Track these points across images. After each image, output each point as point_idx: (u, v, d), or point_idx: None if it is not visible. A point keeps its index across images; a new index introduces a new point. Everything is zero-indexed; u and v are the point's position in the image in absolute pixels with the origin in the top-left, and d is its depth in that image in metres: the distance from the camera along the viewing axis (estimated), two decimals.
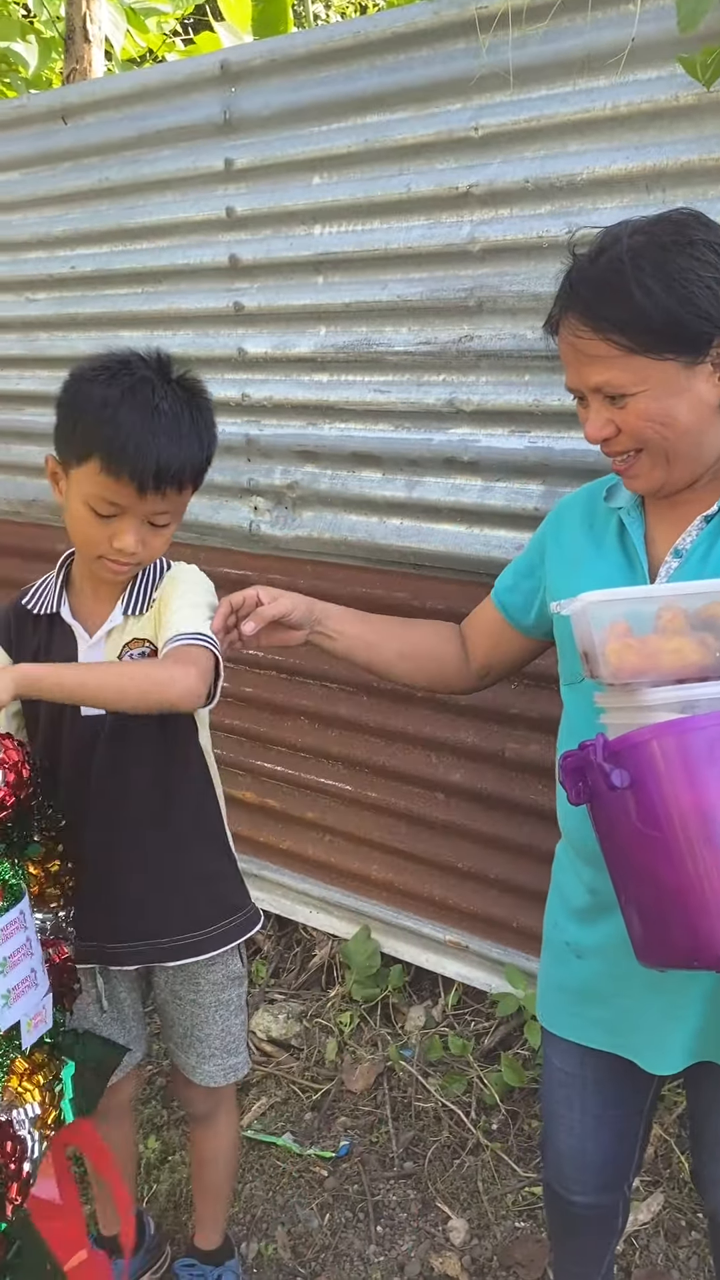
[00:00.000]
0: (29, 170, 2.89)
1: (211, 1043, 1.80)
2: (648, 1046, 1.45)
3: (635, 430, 1.29)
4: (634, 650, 1.20)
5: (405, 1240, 2.17)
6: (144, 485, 1.41)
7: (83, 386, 1.45)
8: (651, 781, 1.13)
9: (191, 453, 1.47)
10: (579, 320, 1.28)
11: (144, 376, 1.44)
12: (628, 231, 1.27)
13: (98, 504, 1.44)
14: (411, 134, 2.14)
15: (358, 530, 2.46)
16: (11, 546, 3.26)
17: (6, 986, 1.31)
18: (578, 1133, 1.60)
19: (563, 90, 1.95)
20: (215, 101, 2.43)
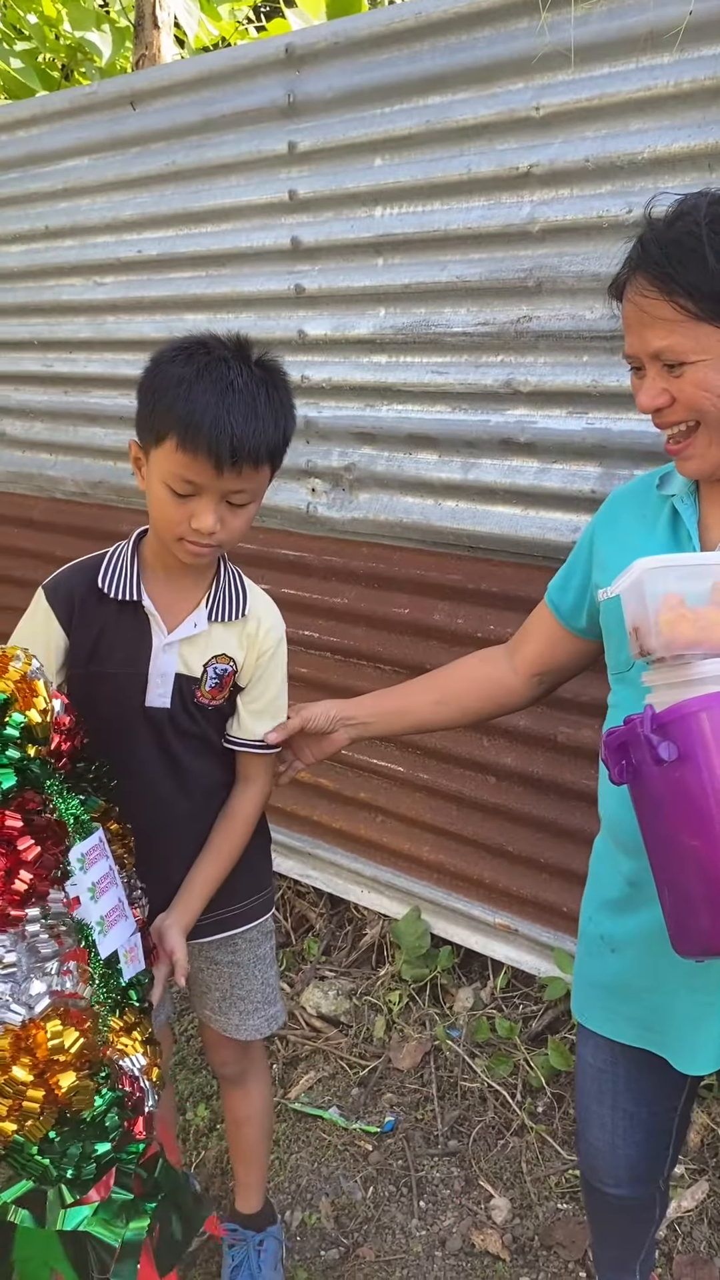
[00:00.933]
0: (98, 156, 2.94)
1: (253, 998, 1.85)
2: (680, 1044, 1.43)
3: (690, 400, 1.26)
4: (688, 621, 1.18)
5: (447, 1216, 2.18)
6: (220, 461, 1.41)
7: (161, 368, 1.46)
8: (701, 754, 1.11)
9: (267, 430, 1.45)
10: (647, 280, 1.25)
11: (220, 356, 1.45)
12: (707, 200, 1.25)
13: (175, 483, 1.44)
14: (473, 114, 2.14)
15: (413, 512, 2.47)
16: (79, 527, 3.33)
17: (100, 913, 1.33)
18: (609, 1128, 1.60)
19: (625, 68, 1.93)
20: (279, 85, 2.45)
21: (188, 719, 1.62)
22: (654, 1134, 1.60)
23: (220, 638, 1.61)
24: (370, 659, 2.68)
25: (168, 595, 1.60)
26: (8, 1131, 1.15)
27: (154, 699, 1.59)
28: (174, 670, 1.59)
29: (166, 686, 1.59)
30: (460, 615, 2.45)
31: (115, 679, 1.59)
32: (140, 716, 1.60)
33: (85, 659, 1.59)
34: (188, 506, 1.46)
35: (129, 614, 1.59)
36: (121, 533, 3.32)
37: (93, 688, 1.59)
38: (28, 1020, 1.15)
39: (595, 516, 1.57)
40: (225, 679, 1.63)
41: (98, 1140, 1.19)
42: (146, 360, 1.51)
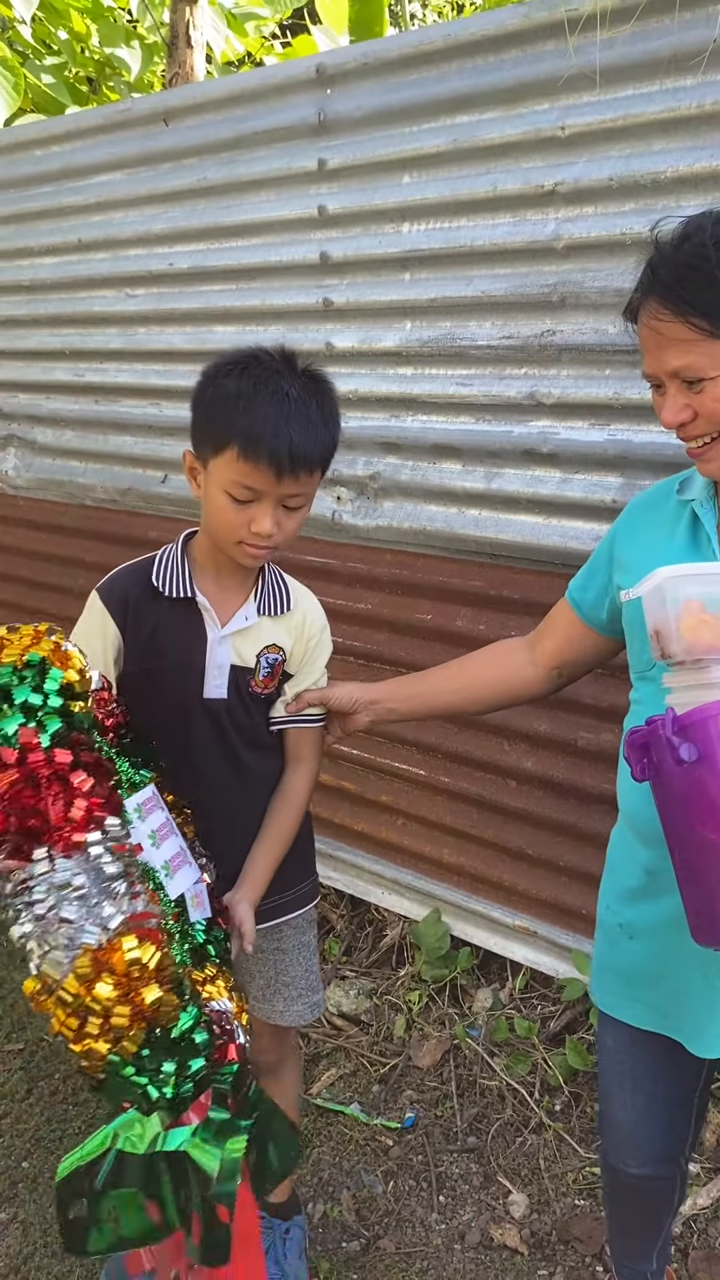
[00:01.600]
0: (132, 171, 3.01)
1: (297, 984, 1.90)
2: (694, 1029, 1.48)
3: (712, 414, 1.31)
4: (709, 626, 1.23)
5: (466, 1210, 2.23)
6: (280, 469, 1.48)
7: (218, 381, 1.53)
8: (717, 756, 1.15)
9: (320, 437, 1.53)
10: (660, 303, 1.29)
11: (274, 368, 1.52)
12: (712, 221, 1.29)
13: (237, 490, 1.52)
14: (499, 134, 2.20)
15: (437, 520, 2.52)
16: (108, 533, 3.40)
17: (163, 858, 1.40)
18: (630, 1109, 1.65)
19: (649, 90, 1.98)
20: (310, 104, 2.52)
21: (243, 709, 1.70)
22: (673, 1114, 1.65)
23: (269, 630, 1.70)
24: (393, 664, 2.73)
25: (218, 592, 1.68)
26: (101, 1051, 1.19)
27: (211, 690, 1.67)
28: (229, 662, 1.67)
29: (223, 678, 1.68)
30: (482, 621, 2.50)
31: (173, 672, 1.66)
32: (199, 707, 1.68)
33: (142, 655, 1.67)
34: (247, 512, 1.53)
35: (183, 610, 1.66)
36: (149, 539, 3.39)
37: (151, 682, 1.67)
38: (104, 941, 1.19)
39: (616, 522, 1.62)
40: (276, 668, 1.72)
41: (191, 1058, 1.24)
42: (199, 374, 1.58)
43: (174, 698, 1.67)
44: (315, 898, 1.94)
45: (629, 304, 1.38)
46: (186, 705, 1.67)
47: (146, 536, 3.23)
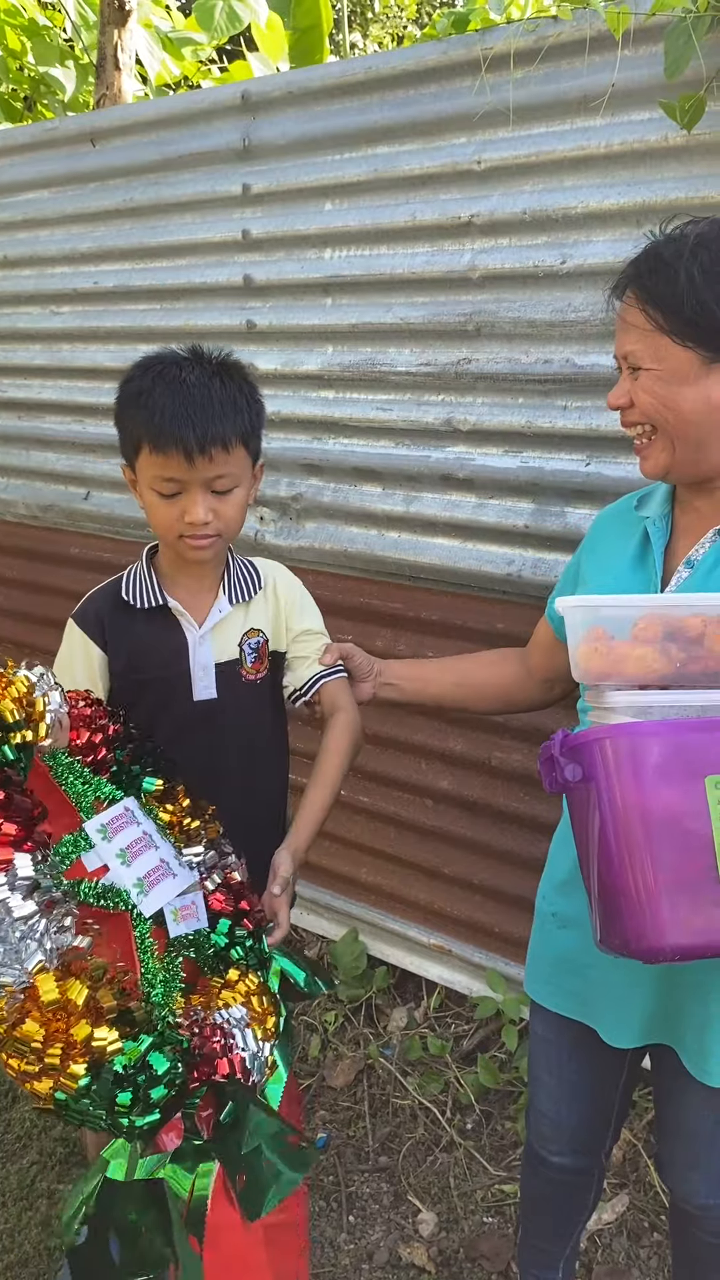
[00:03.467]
0: (58, 189, 3.02)
1: None
2: (609, 1018, 1.52)
3: (642, 406, 1.35)
4: (600, 655, 1.28)
5: (376, 1230, 2.23)
6: (189, 452, 1.50)
7: (123, 388, 1.57)
8: (601, 779, 1.19)
9: (226, 414, 1.53)
10: (631, 288, 1.35)
11: (173, 361, 1.56)
12: (707, 223, 1.33)
13: (159, 485, 1.55)
14: (418, 165, 2.25)
15: (357, 542, 2.55)
16: (28, 549, 3.37)
17: (135, 875, 1.39)
18: (555, 1096, 1.69)
19: (560, 128, 2.05)
20: (235, 129, 2.55)
21: (236, 705, 1.70)
22: (596, 1105, 1.69)
23: (244, 615, 1.72)
24: None
25: (189, 595, 1.69)
26: (43, 1090, 1.17)
27: (200, 692, 1.68)
28: (213, 660, 1.68)
29: (209, 678, 1.68)
30: (401, 641, 2.53)
31: (159, 681, 1.67)
32: (193, 711, 1.68)
33: (125, 669, 1.68)
34: (177, 505, 1.56)
35: (158, 619, 1.68)
36: (70, 556, 3.36)
37: (139, 694, 1.68)
38: (26, 980, 1.18)
39: (586, 536, 1.67)
40: (262, 650, 1.73)
41: (152, 1086, 1.21)
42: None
43: (166, 705, 1.68)
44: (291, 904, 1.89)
45: (617, 281, 1.40)
46: (179, 711, 1.68)
47: (68, 553, 3.22)
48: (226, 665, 1.69)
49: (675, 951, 1.15)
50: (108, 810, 1.43)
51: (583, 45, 1.95)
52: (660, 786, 1.16)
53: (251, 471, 1.65)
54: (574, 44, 1.96)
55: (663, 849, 1.14)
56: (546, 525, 2.19)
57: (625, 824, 1.17)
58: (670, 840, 1.14)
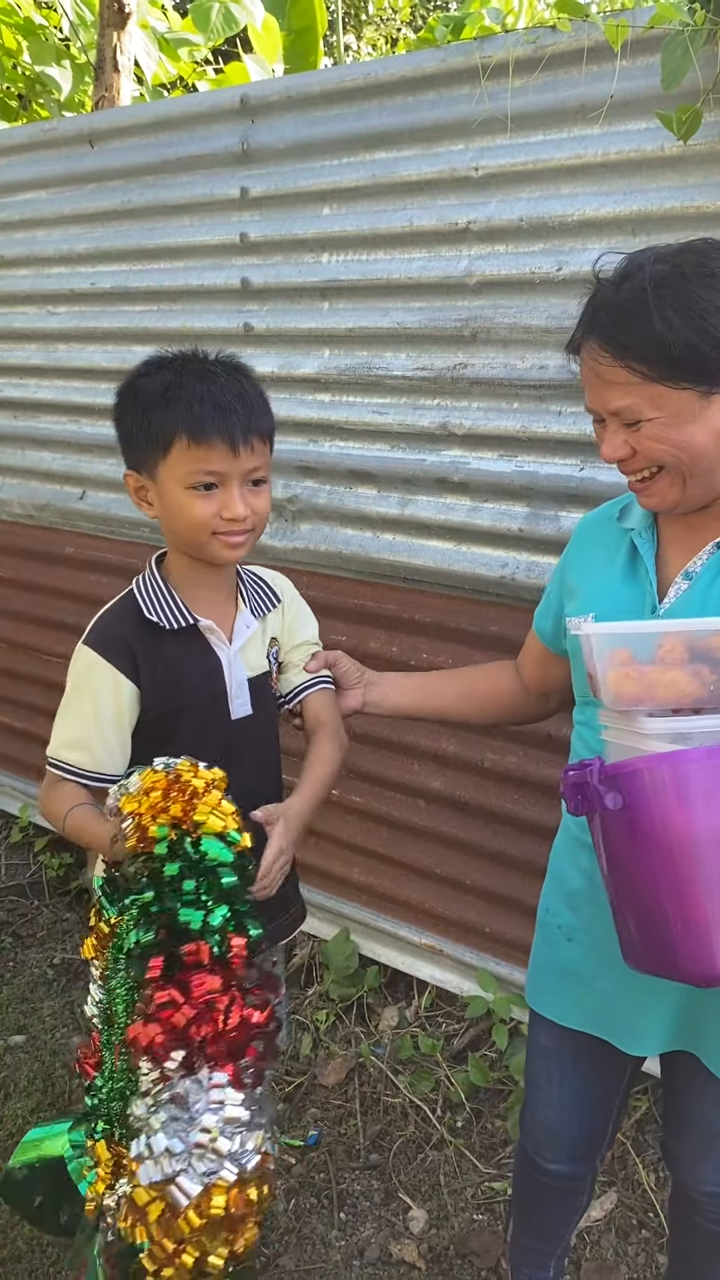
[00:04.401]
0: (56, 190, 3.03)
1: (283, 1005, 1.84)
2: (624, 1029, 1.53)
3: (650, 453, 1.33)
4: (632, 680, 1.27)
5: (366, 1227, 2.25)
6: (234, 442, 1.45)
7: (138, 386, 1.50)
8: (643, 808, 1.19)
9: (260, 407, 1.51)
10: (600, 346, 1.31)
11: (189, 356, 1.52)
12: (651, 260, 1.30)
13: (198, 478, 1.47)
14: (416, 171, 2.27)
15: (352, 544, 2.57)
16: (22, 549, 3.38)
17: None
18: (555, 1105, 1.70)
19: (557, 136, 2.07)
20: (234, 133, 2.57)
21: (266, 715, 1.68)
22: (596, 1113, 1.70)
23: (265, 627, 1.70)
24: None
25: (213, 610, 1.62)
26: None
27: (238, 710, 1.63)
28: (246, 676, 1.64)
29: (244, 694, 1.64)
30: (395, 643, 2.55)
31: (198, 705, 1.60)
32: (230, 731, 1.63)
33: (160, 697, 1.58)
34: (215, 500, 1.48)
35: (188, 639, 1.59)
36: (65, 555, 3.37)
37: (177, 720, 1.59)
38: (237, 1177, 1.19)
39: (568, 545, 1.66)
40: (280, 657, 1.73)
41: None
42: (114, 394, 1.55)
43: (204, 729, 1.60)
44: (303, 919, 1.89)
45: (571, 339, 1.38)
46: (218, 733, 1.61)
47: (63, 552, 3.23)
48: (258, 679, 1.66)
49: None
50: None
51: (581, 55, 1.97)
52: (706, 814, 1.16)
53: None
54: (572, 54, 1.99)
55: (713, 876, 1.15)
56: (540, 529, 2.21)
57: (674, 853, 1.17)
58: (716, 863, 1.15)
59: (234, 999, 1.29)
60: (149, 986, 1.29)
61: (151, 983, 1.29)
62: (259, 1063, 1.30)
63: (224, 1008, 1.28)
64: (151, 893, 1.33)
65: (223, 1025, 1.27)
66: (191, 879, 1.33)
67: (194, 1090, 1.24)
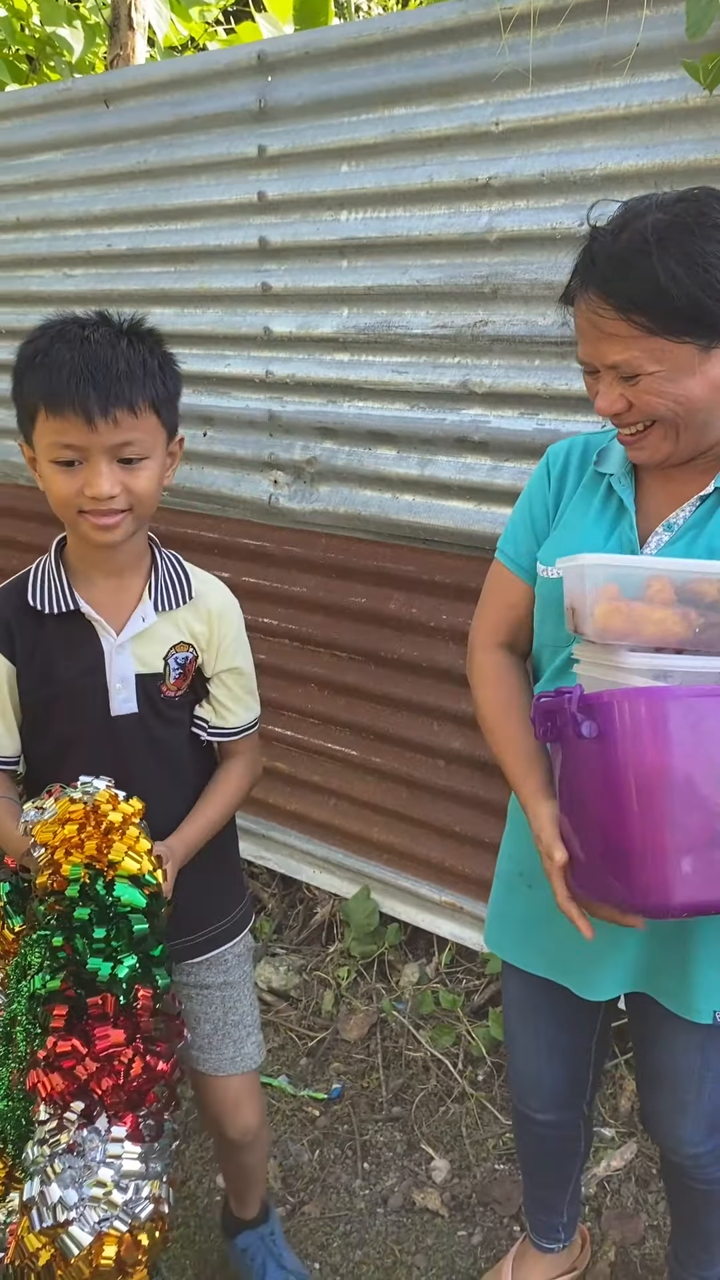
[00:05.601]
0: (71, 151, 3.01)
1: (245, 1020, 1.77)
2: (581, 974, 1.54)
3: (647, 407, 1.30)
4: (621, 614, 1.27)
5: (390, 1176, 2.29)
6: (89, 413, 1.34)
7: (20, 352, 1.43)
8: (618, 739, 1.19)
9: (135, 374, 1.38)
10: (600, 298, 1.27)
11: (73, 320, 1.42)
12: (650, 209, 1.26)
13: (57, 452, 1.37)
14: (435, 127, 2.25)
15: (371, 505, 2.57)
16: (42, 513, 3.38)
17: None
18: (533, 1055, 1.72)
19: (579, 89, 2.05)
20: (251, 90, 2.55)
21: (158, 719, 1.56)
22: (574, 1060, 1.72)
23: (173, 626, 1.56)
24: (327, 646, 2.78)
25: (106, 596, 1.52)
26: None
27: (119, 706, 1.53)
28: (133, 672, 1.52)
29: (129, 691, 1.52)
30: (414, 605, 2.56)
31: (72, 696, 1.52)
32: (109, 727, 1.53)
33: (37, 682, 1.53)
34: (78, 476, 1.38)
35: (70, 625, 1.51)
36: None
37: (50, 710, 1.53)
38: (128, 1228, 1.26)
39: (535, 477, 1.59)
40: (188, 667, 1.58)
41: None
42: None
43: (80, 722, 1.52)
44: (250, 921, 1.81)
45: (566, 289, 1.35)
46: (96, 728, 1.52)
47: None
48: (147, 678, 1.53)
49: (683, 909, 1.18)
50: None
51: (604, 5, 1.95)
52: (678, 751, 1.16)
53: (167, 445, 1.48)
54: (595, 3, 1.96)
55: (677, 811, 1.16)
56: None
57: (641, 785, 1.17)
58: (685, 803, 1.16)
59: (137, 1050, 1.31)
60: (52, 1034, 1.31)
61: (55, 1031, 1.31)
62: (159, 1113, 1.33)
63: (127, 1060, 1.31)
64: (60, 937, 1.34)
65: (124, 1078, 1.30)
66: (102, 926, 1.34)
67: (91, 1140, 1.28)
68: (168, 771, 1.60)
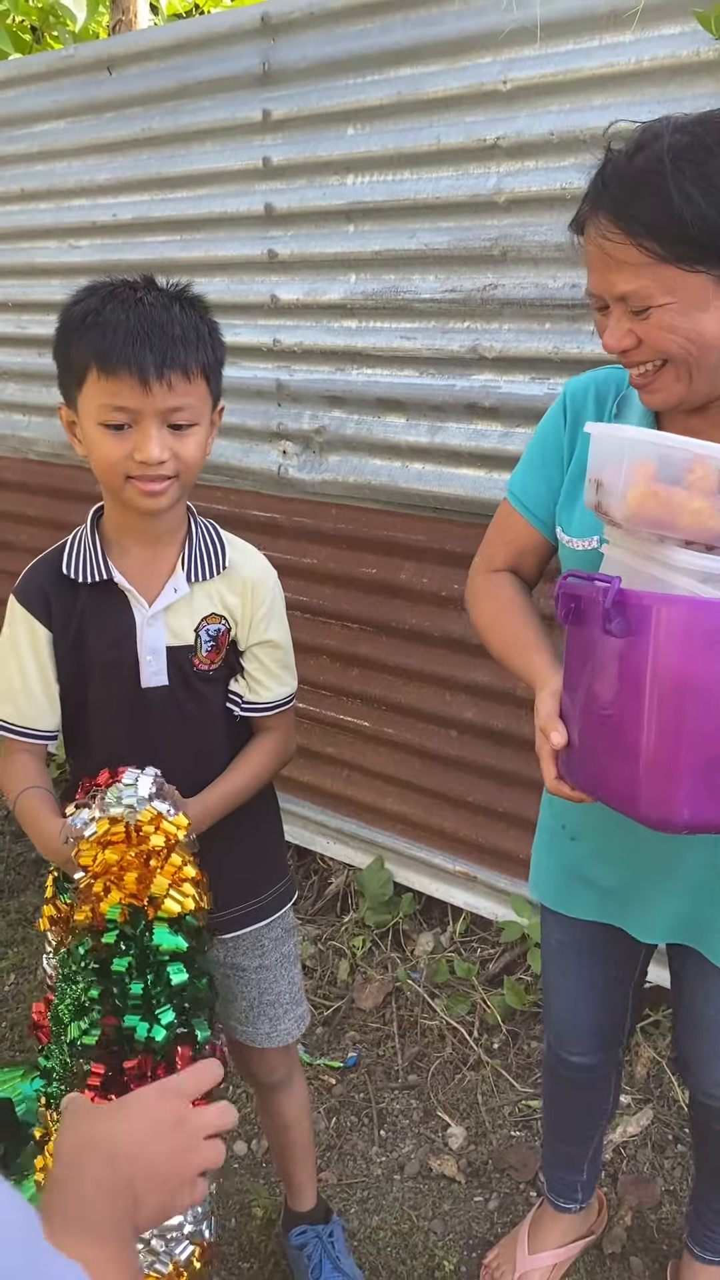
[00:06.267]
0: (75, 119, 2.98)
1: (282, 999, 1.77)
2: (637, 918, 1.55)
3: (658, 343, 1.23)
4: (658, 499, 1.16)
5: (406, 1144, 2.30)
6: (144, 374, 1.32)
7: (66, 312, 1.41)
8: (651, 647, 1.13)
9: (189, 337, 1.36)
10: (610, 221, 1.19)
11: (124, 282, 1.40)
12: (669, 129, 1.18)
13: (107, 415, 1.35)
14: (442, 87, 2.21)
15: (381, 474, 2.55)
16: (52, 488, 3.38)
17: None
18: (573, 997, 1.73)
19: (588, 45, 2.01)
20: (255, 53, 2.51)
21: (189, 693, 1.54)
22: (614, 1000, 1.73)
23: (206, 597, 1.53)
24: (338, 618, 2.77)
25: (140, 566, 1.50)
26: None
27: (149, 679, 1.51)
28: (164, 644, 1.51)
29: (160, 663, 1.51)
30: (425, 575, 2.54)
31: (104, 666, 1.51)
32: (140, 700, 1.51)
33: (70, 651, 1.52)
34: (128, 440, 1.36)
35: (103, 595, 1.50)
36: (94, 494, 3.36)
37: (84, 679, 1.53)
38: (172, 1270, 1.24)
39: (550, 417, 1.52)
40: (221, 639, 1.54)
41: None
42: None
43: (111, 693, 1.51)
44: (290, 900, 1.77)
45: (577, 214, 1.27)
46: (126, 700, 1.51)
47: (92, 490, 3.21)
48: (178, 650, 1.51)
49: (688, 826, 1.14)
50: None
51: None
52: (707, 665, 1.11)
53: (211, 414, 1.46)
54: None
55: (700, 724, 1.11)
56: None
57: (667, 698, 1.12)
58: (707, 718, 1.11)
59: None
60: (89, 1089, 1.27)
61: (91, 1088, 1.27)
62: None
63: None
64: (97, 990, 1.30)
65: None
66: (139, 981, 1.29)
67: None
68: (199, 749, 1.57)
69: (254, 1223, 2.11)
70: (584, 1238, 2.00)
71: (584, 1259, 2.01)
